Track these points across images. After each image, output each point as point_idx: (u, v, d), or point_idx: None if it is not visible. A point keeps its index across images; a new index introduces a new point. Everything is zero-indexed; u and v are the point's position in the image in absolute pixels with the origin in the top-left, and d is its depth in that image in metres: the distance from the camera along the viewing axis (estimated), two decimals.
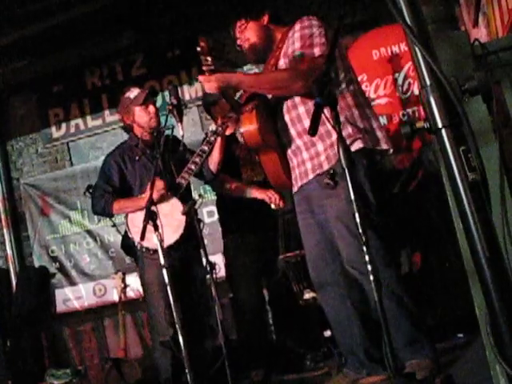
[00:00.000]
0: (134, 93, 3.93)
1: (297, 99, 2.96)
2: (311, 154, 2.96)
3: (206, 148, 3.73)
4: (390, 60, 4.85)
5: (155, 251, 3.56)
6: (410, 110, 4.73)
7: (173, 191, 3.73)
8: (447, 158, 1.47)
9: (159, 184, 3.62)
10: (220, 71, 2.91)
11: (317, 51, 2.86)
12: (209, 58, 2.89)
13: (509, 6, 3.31)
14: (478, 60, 1.97)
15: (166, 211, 3.61)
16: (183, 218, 3.68)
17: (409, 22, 1.48)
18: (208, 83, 2.86)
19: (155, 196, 3.45)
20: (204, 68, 2.88)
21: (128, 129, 4.01)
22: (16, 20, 5.41)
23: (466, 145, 1.45)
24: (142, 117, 3.88)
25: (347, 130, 2.83)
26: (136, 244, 3.70)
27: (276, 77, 2.96)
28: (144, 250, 3.69)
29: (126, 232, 3.83)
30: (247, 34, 3.15)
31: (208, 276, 3.52)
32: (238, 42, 3.20)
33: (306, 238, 3.12)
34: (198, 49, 2.91)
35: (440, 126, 1.47)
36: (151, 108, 3.88)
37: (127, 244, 3.85)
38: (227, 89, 2.95)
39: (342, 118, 2.82)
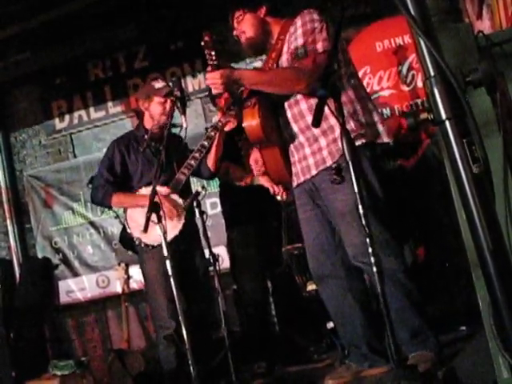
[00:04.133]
0: (159, 84, 3.96)
1: (299, 96, 2.95)
2: (313, 149, 2.95)
3: (205, 143, 3.69)
4: (394, 52, 4.83)
5: (154, 247, 3.58)
6: (413, 102, 4.72)
7: (172, 186, 3.72)
8: (451, 150, 1.47)
9: (165, 190, 3.65)
10: (223, 67, 2.91)
11: (320, 47, 2.84)
12: (213, 53, 2.89)
13: None
14: (481, 52, 1.96)
15: (166, 207, 3.62)
16: (182, 213, 3.69)
17: (413, 14, 1.48)
18: (212, 80, 2.85)
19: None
20: (208, 63, 2.89)
21: (139, 114, 4.05)
22: (18, 12, 5.41)
23: (469, 136, 1.45)
24: (156, 108, 3.89)
25: (350, 125, 2.82)
26: (135, 239, 3.71)
27: (280, 75, 2.94)
28: (143, 245, 3.70)
29: (124, 227, 3.84)
30: (243, 26, 3.13)
31: (211, 268, 3.53)
32: (235, 32, 3.19)
33: (306, 231, 3.12)
34: (202, 43, 2.91)
35: (444, 117, 1.47)
36: (168, 105, 3.83)
37: (126, 238, 3.86)
38: (231, 85, 2.93)
39: (344, 113, 2.83)
